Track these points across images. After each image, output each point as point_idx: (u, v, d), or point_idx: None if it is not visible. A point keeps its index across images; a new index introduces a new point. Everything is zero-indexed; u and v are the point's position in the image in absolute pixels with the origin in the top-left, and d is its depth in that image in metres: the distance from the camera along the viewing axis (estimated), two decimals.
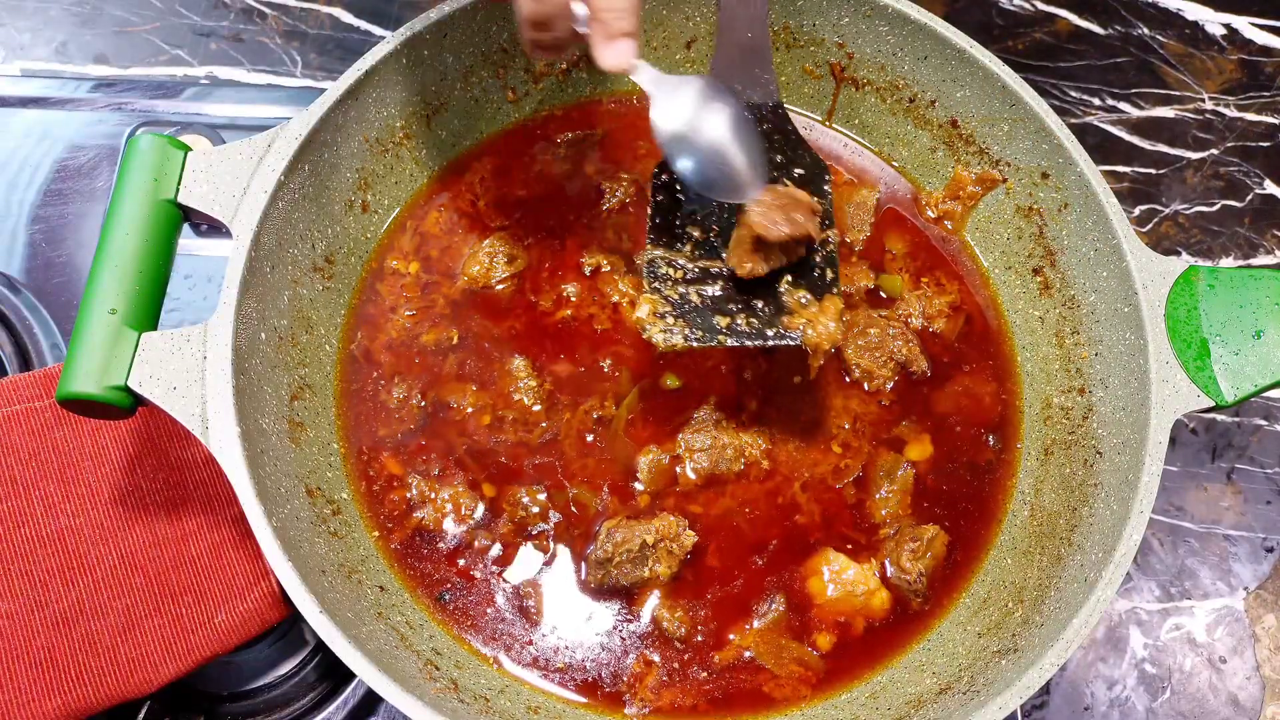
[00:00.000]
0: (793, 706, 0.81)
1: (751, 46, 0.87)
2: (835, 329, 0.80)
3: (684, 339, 0.79)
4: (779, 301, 0.82)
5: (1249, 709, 0.95)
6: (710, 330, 0.80)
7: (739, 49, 0.87)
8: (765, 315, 0.81)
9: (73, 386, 0.71)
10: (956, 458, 0.89)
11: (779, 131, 0.89)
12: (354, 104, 0.87)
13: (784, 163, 0.88)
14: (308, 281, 0.87)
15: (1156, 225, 1.16)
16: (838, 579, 0.83)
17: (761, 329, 0.80)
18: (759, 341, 0.80)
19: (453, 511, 0.84)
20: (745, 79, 0.89)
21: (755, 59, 0.88)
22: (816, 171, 0.88)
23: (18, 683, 0.77)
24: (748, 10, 0.86)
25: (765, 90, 0.90)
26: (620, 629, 0.82)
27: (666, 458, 0.86)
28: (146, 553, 0.83)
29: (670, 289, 0.82)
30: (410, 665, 0.75)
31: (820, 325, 0.80)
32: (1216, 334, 0.80)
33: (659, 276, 0.82)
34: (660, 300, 0.81)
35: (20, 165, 1.08)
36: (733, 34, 0.87)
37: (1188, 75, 1.23)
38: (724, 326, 0.80)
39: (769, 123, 0.90)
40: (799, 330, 0.80)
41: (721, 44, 0.87)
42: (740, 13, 0.86)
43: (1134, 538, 0.75)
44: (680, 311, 0.81)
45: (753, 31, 0.86)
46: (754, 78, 0.89)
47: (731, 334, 0.80)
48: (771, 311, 0.81)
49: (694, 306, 0.81)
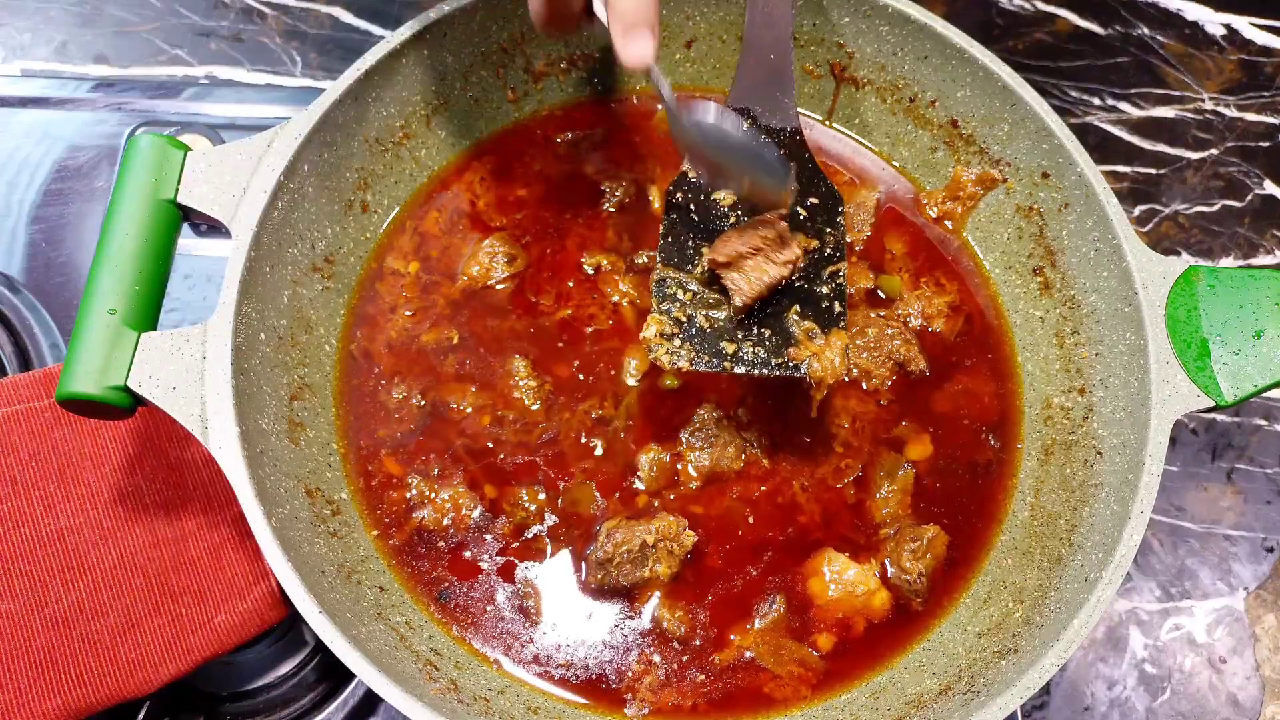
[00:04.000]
0: (793, 707, 0.81)
1: (774, 69, 0.86)
2: (840, 364, 0.79)
3: (689, 363, 0.79)
4: (786, 332, 0.81)
5: (1249, 709, 0.95)
6: (716, 356, 0.80)
7: (762, 71, 0.86)
8: (771, 345, 0.81)
9: (72, 386, 0.71)
10: (957, 458, 0.89)
11: (795, 159, 0.88)
12: (354, 104, 0.87)
13: (799, 192, 0.87)
14: (307, 281, 0.87)
15: (1156, 225, 1.16)
16: (838, 579, 0.83)
17: (767, 358, 0.80)
18: (764, 371, 0.80)
19: (452, 512, 0.84)
20: (766, 103, 0.88)
21: (777, 83, 0.87)
22: (831, 202, 0.87)
23: (18, 683, 0.77)
24: (772, 33, 0.85)
25: (785, 115, 0.89)
26: (620, 629, 0.82)
27: (667, 456, 0.86)
28: (146, 553, 0.83)
29: (679, 310, 0.82)
30: (410, 666, 0.75)
31: (825, 359, 0.79)
32: (1216, 334, 0.80)
33: (668, 297, 0.82)
34: (668, 321, 0.81)
35: (20, 165, 1.08)
36: (756, 55, 0.86)
37: (1188, 75, 1.23)
38: (729, 353, 0.80)
39: (786, 149, 0.89)
40: (805, 363, 0.80)
41: (743, 66, 0.87)
42: (765, 35, 0.85)
43: (1134, 538, 0.75)
44: (687, 335, 0.81)
45: (775, 54, 0.86)
46: (774, 101, 0.88)
47: (737, 361, 0.80)
48: (778, 341, 0.81)
49: (700, 330, 0.81)
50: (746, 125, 0.78)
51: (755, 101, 0.88)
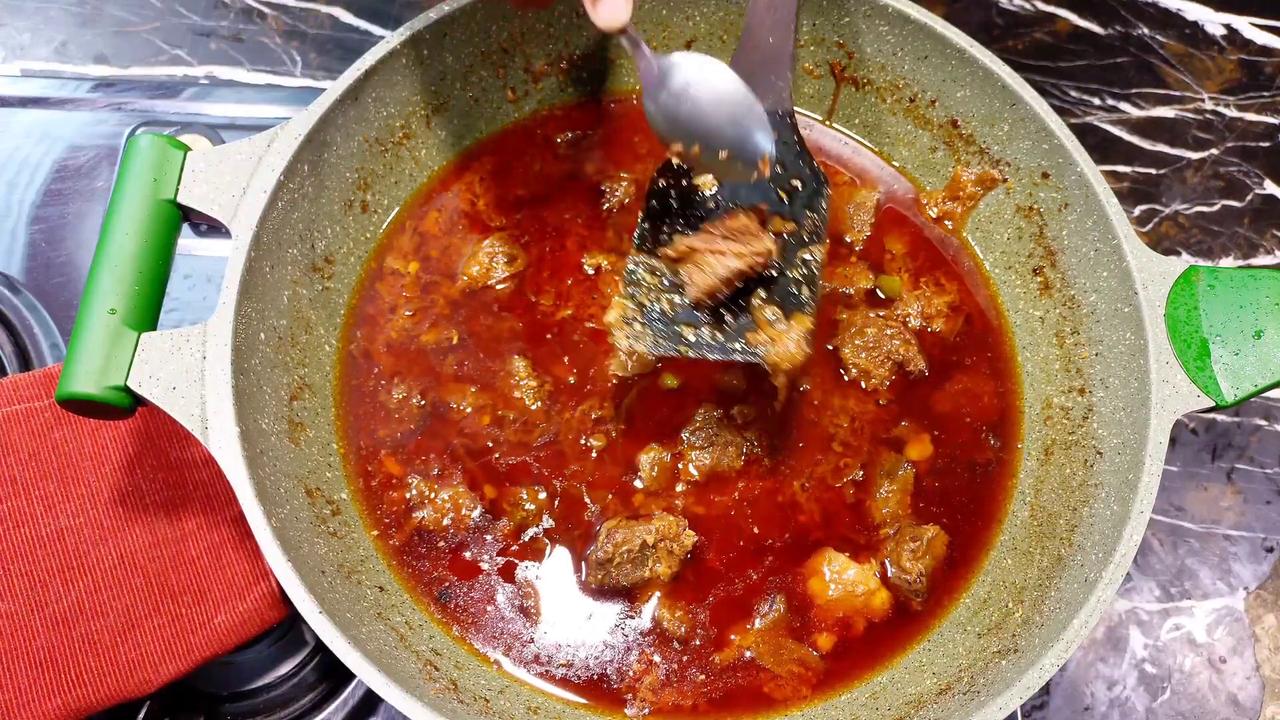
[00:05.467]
0: (793, 707, 0.81)
1: (772, 52, 0.86)
2: (795, 351, 0.78)
3: (647, 346, 0.79)
4: (749, 316, 0.81)
5: (1249, 709, 0.95)
6: (673, 339, 0.80)
7: (758, 54, 0.86)
8: (731, 330, 0.80)
9: (72, 386, 0.71)
10: (957, 458, 0.89)
11: (784, 141, 0.88)
12: (354, 104, 0.87)
13: (783, 174, 0.87)
14: (307, 281, 0.87)
15: (1156, 225, 1.16)
16: (838, 579, 0.83)
17: (724, 343, 0.80)
18: (720, 355, 0.79)
19: (452, 512, 0.84)
20: (760, 84, 0.87)
21: (773, 65, 0.86)
22: (815, 185, 0.87)
23: (18, 683, 0.77)
24: (774, 15, 0.84)
25: (778, 97, 0.88)
26: (620, 629, 0.82)
27: (668, 455, 0.86)
28: (146, 553, 0.83)
29: (645, 295, 0.82)
30: (410, 666, 0.75)
31: (780, 345, 0.78)
32: (1216, 334, 0.80)
33: (636, 282, 0.82)
34: (631, 306, 0.81)
35: (20, 165, 1.08)
36: (754, 39, 0.85)
37: (1188, 75, 1.23)
38: (689, 338, 0.80)
39: (775, 132, 0.87)
40: (759, 348, 0.79)
41: (743, 48, 0.86)
42: (766, 18, 0.84)
43: (1134, 538, 0.75)
44: (648, 318, 0.81)
45: (774, 37, 0.85)
46: (769, 84, 0.87)
47: (693, 346, 0.80)
48: (739, 326, 0.80)
49: (661, 315, 0.81)
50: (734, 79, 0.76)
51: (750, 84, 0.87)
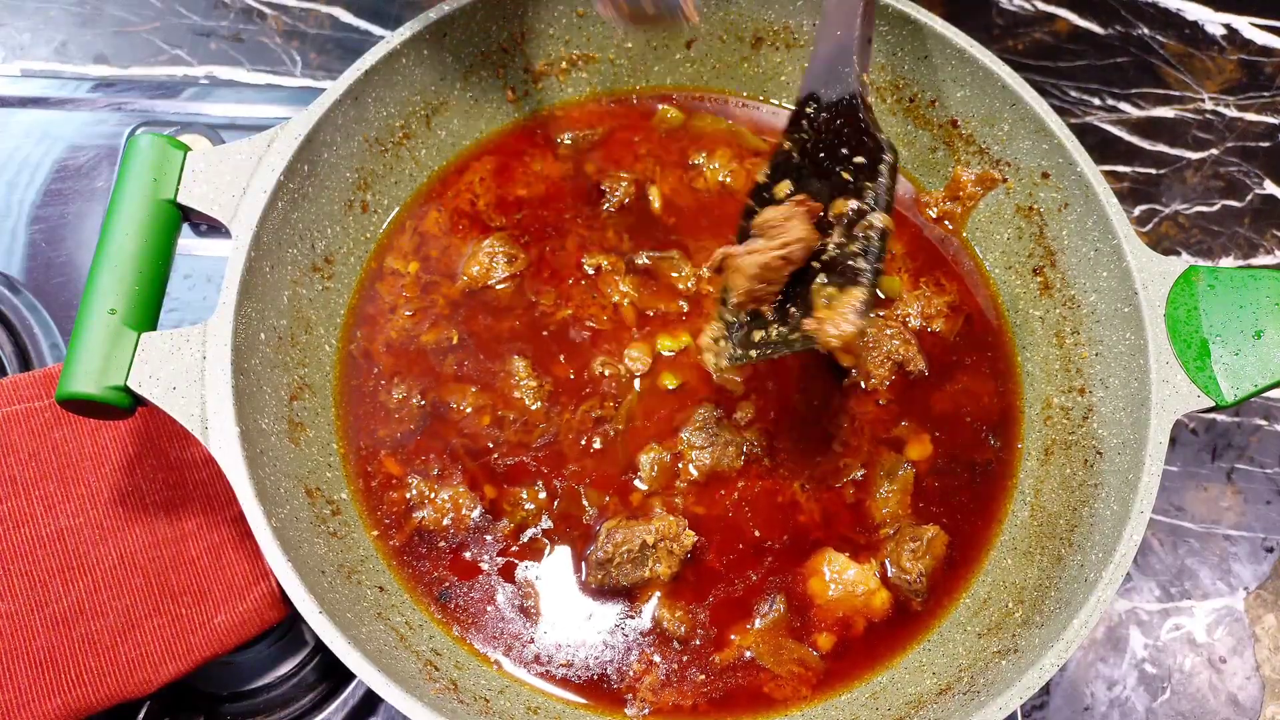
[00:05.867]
0: (793, 707, 0.81)
1: (839, 43, 0.83)
2: (848, 327, 0.72)
3: (726, 362, 0.79)
4: (809, 301, 0.76)
5: (1249, 709, 0.95)
6: (745, 347, 0.79)
7: (827, 50, 0.84)
8: (794, 321, 0.76)
9: (72, 386, 0.71)
10: (957, 458, 0.89)
11: (848, 125, 0.82)
12: (354, 104, 0.87)
13: (845, 155, 0.81)
14: (307, 281, 0.87)
15: (1156, 225, 1.16)
16: (838, 579, 0.83)
17: (784, 337, 0.76)
18: (783, 351, 0.76)
19: (452, 512, 0.84)
20: (829, 79, 0.84)
21: (840, 56, 0.84)
22: (875, 156, 0.80)
23: (18, 683, 0.77)
24: (841, 9, 0.83)
25: (845, 84, 0.83)
26: (620, 629, 0.82)
27: (668, 455, 0.86)
28: (146, 553, 0.83)
29: (730, 313, 0.81)
30: (410, 666, 0.75)
31: (830, 324, 0.73)
32: (1216, 334, 0.80)
33: (724, 301, 0.82)
34: (718, 326, 0.81)
35: (20, 165, 1.08)
36: (828, 31, 0.84)
37: (1188, 75, 1.23)
38: (758, 341, 0.78)
39: (841, 118, 0.83)
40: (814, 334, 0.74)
41: (819, 42, 0.85)
42: (836, 13, 0.83)
43: (1134, 538, 0.75)
44: (731, 334, 0.81)
45: (841, 30, 0.83)
46: (837, 74, 0.84)
47: (759, 348, 0.78)
48: (800, 315, 0.76)
49: (739, 325, 0.81)
50: None
51: (821, 85, 0.85)
